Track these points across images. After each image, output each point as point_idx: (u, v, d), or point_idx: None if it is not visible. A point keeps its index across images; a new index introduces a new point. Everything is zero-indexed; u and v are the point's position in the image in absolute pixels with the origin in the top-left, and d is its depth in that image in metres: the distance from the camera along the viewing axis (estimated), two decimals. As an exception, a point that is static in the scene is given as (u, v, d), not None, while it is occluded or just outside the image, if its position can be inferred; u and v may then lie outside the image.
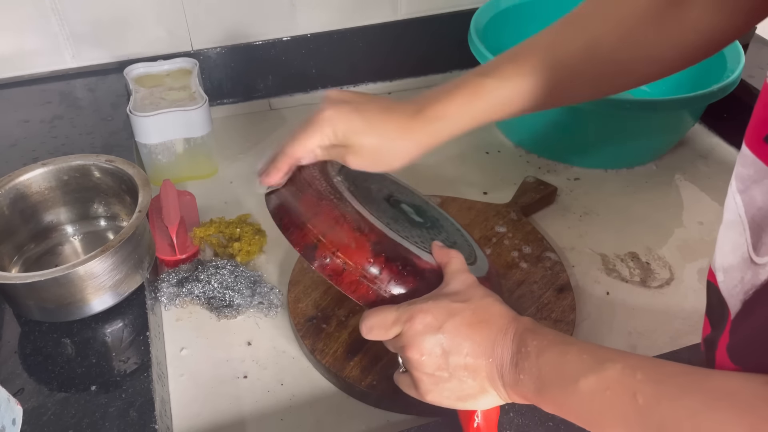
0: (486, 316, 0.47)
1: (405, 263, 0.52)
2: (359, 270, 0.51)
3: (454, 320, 0.47)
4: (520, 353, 0.45)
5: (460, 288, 0.50)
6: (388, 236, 0.53)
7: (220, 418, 0.61)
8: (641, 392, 0.38)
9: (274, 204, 0.56)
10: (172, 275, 0.71)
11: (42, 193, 0.68)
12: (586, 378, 0.41)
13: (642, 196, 0.87)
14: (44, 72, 0.94)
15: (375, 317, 0.50)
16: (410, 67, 1.09)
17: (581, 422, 0.42)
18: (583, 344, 0.44)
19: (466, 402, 0.48)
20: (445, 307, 0.47)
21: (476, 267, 0.58)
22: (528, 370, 0.44)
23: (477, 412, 0.49)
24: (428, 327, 0.47)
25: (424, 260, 0.53)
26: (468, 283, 0.50)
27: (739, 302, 0.38)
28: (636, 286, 0.74)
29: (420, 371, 0.47)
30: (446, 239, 0.60)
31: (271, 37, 0.99)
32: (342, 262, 0.51)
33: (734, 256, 0.38)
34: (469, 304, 0.48)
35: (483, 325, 0.47)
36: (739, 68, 0.82)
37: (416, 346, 0.47)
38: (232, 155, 0.94)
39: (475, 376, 0.46)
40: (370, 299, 0.52)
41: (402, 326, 0.48)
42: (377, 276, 0.51)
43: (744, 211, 0.37)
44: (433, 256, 0.54)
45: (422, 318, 0.47)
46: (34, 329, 0.61)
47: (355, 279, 0.51)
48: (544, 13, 1.01)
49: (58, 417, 0.53)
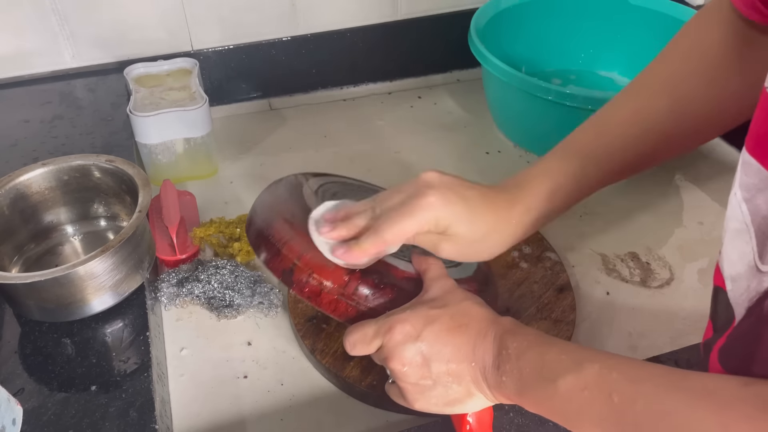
0: (465, 320, 0.47)
1: (381, 276, 0.52)
2: (336, 288, 0.51)
3: (433, 327, 0.46)
4: (501, 355, 0.44)
5: (439, 294, 0.49)
6: None
7: (220, 418, 0.61)
8: (617, 391, 0.38)
9: (252, 236, 0.55)
10: (172, 275, 0.71)
11: (42, 193, 0.68)
12: (564, 378, 0.41)
13: (642, 196, 0.87)
14: (44, 72, 0.94)
15: (356, 333, 0.49)
16: (410, 67, 1.09)
17: (561, 421, 0.43)
18: (564, 344, 0.44)
19: (454, 407, 0.47)
20: (423, 314, 0.47)
21: (461, 268, 0.58)
22: (509, 372, 0.44)
23: (468, 416, 0.49)
24: (407, 336, 0.46)
25: (401, 270, 0.53)
26: (446, 288, 0.50)
27: (743, 309, 0.38)
28: (636, 286, 0.74)
29: (405, 381, 0.47)
30: None
31: (271, 37, 0.99)
32: (318, 283, 0.51)
33: (741, 265, 0.38)
34: (446, 309, 0.47)
35: (462, 329, 0.46)
36: (739, 68, 0.82)
37: (397, 356, 0.46)
38: (232, 155, 0.94)
39: (460, 380, 0.46)
40: (350, 316, 0.52)
41: (383, 338, 0.48)
42: (354, 292, 0.51)
43: (750, 219, 0.37)
44: (412, 264, 0.54)
45: (401, 328, 0.47)
46: (34, 329, 0.61)
47: (333, 298, 0.51)
48: (544, 13, 1.02)
49: (58, 417, 0.53)
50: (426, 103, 1.06)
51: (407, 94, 1.08)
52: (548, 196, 0.51)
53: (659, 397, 0.37)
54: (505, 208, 0.51)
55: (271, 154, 0.95)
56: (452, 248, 0.50)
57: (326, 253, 0.50)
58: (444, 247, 0.50)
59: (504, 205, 0.51)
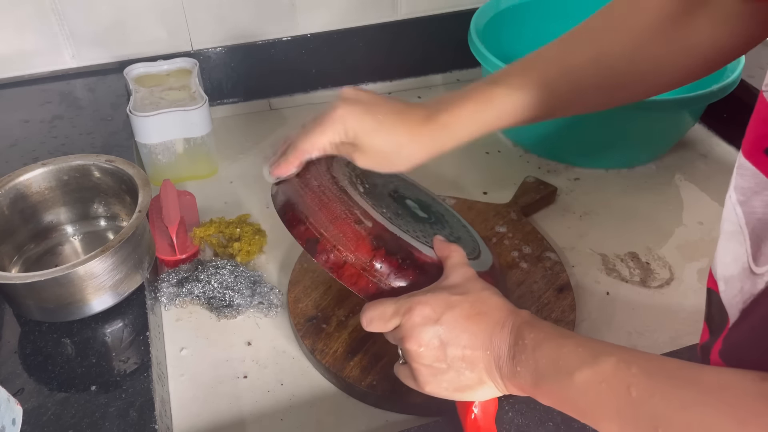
0: (484, 309, 0.47)
1: (405, 257, 0.53)
2: (359, 263, 0.52)
3: (452, 312, 0.47)
4: (518, 346, 0.45)
5: (459, 281, 0.50)
6: (389, 230, 0.54)
7: (220, 418, 0.61)
8: (635, 385, 0.38)
9: (279, 199, 0.57)
10: (172, 275, 0.71)
11: (42, 193, 0.68)
12: (581, 371, 0.41)
13: (642, 196, 0.87)
14: (44, 72, 0.94)
15: (374, 309, 0.50)
16: (410, 67, 1.09)
17: (577, 414, 0.43)
18: (580, 338, 0.44)
19: (464, 393, 0.48)
20: (444, 299, 0.48)
21: (479, 261, 0.59)
22: (525, 363, 0.44)
23: (475, 404, 0.49)
24: (426, 319, 0.47)
25: (425, 254, 0.54)
26: (467, 276, 0.51)
27: (737, 311, 0.39)
28: (636, 286, 0.74)
29: (418, 362, 0.48)
30: (450, 234, 0.60)
31: (271, 37, 0.99)
32: (343, 256, 0.52)
33: (735, 267, 0.38)
34: (467, 297, 0.48)
35: (481, 317, 0.47)
36: (739, 68, 0.82)
37: (415, 337, 0.47)
38: (232, 155, 0.94)
39: (473, 367, 0.46)
40: (370, 292, 0.52)
41: (401, 318, 0.48)
42: (377, 269, 0.52)
43: (744, 222, 0.37)
44: (434, 250, 0.55)
45: (420, 310, 0.47)
46: (34, 329, 0.61)
47: (356, 272, 0.52)
48: (544, 13, 1.02)
49: (58, 417, 0.53)
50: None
51: (407, 94, 1.08)
52: (468, 116, 0.54)
53: (676, 391, 0.37)
54: (417, 123, 0.54)
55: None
56: (366, 158, 0.55)
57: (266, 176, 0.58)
58: (358, 157, 0.55)
59: (418, 120, 0.54)
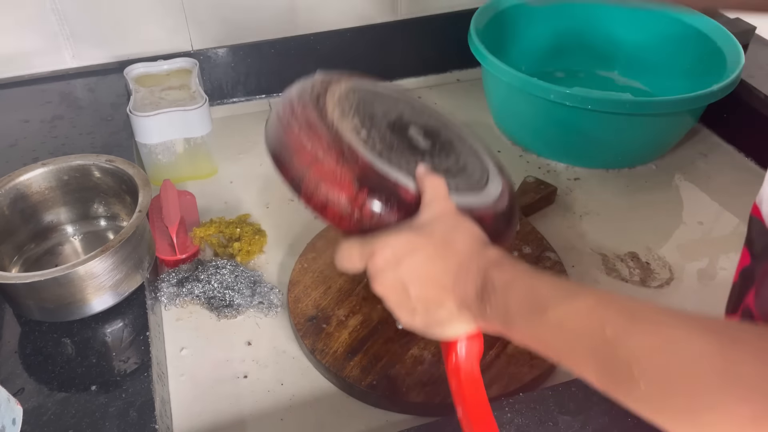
0: (448, 251, 0.46)
1: (390, 195, 0.50)
2: (342, 205, 0.50)
3: (414, 256, 0.46)
4: (486, 288, 0.43)
5: (429, 219, 0.48)
6: (375, 168, 0.51)
7: (220, 418, 0.61)
8: (611, 324, 0.36)
9: (267, 142, 0.54)
10: (172, 275, 0.71)
11: (42, 193, 0.68)
12: (555, 308, 0.39)
13: (642, 196, 0.87)
14: (44, 72, 0.94)
15: (343, 251, 0.49)
16: (410, 67, 1.09)
17: (551, 354, 0.40)
18: (556, 278, 0.42)
19: (440, 328, 0.47)
20: (407, 240, 0.46)
21: (481, 194, 0.55)
22: (494, 304, 0.42)
23: (458, 347, 0.48)
24: (387, 263, 0.46)
25: (411, 191, 0.51)
26: (441, 212, 0.48)
27: None
28: (636, 286, 0.74)
29: (388, 302, 0.48)
30: (454, 163, 0.57)
31: (271, 37, 0.99)
32: (325, 196, 0.50)
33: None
34: (431, 239, 0.46)
35: (443, 260, 0.45)
36: (739, 68, 0.82)
37: (378, 281, 0.47)
38: (232, 155, 0.94)
39: (441, 305, 0.45)
40: (354, 233, 0.50)
41: (366, 261, 0.48)
42: (360, 210, 0.50)
43: None
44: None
45: (381, 253, 0.46)
46: (34, 329, 0.61)
47: (338, 212, 0.50)
48: (544, 14, 1.02)
49: (58, 417, 0.53)
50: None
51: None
52: None
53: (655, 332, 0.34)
54: None
55: (271, 154, 0.95)
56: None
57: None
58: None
59: None
